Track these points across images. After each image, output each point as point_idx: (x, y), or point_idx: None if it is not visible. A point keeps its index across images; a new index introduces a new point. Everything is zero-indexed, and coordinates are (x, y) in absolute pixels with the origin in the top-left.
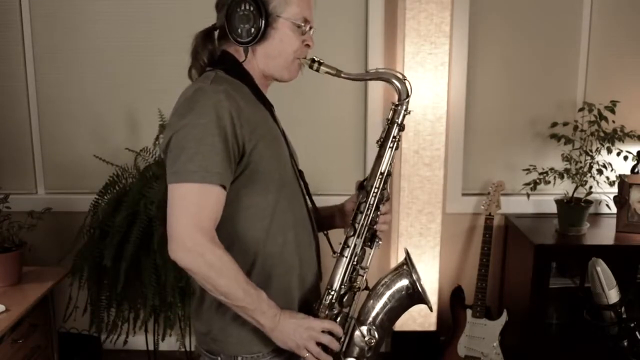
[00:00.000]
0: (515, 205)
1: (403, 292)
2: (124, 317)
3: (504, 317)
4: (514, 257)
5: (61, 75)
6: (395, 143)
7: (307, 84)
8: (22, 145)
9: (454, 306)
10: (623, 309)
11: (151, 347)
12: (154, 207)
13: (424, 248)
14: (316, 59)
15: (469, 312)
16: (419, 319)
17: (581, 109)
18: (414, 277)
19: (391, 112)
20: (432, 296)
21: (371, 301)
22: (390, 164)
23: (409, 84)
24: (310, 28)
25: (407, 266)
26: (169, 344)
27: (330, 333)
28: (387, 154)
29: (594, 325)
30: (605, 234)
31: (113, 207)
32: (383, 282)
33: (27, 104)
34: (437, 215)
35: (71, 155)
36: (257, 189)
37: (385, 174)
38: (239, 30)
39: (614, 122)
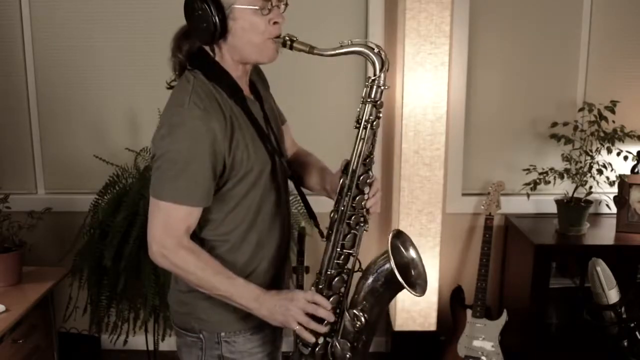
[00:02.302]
0: (515, 205)
1: (386, 278)
2: (124, 317)
3: (504, 317)
4: (514, 257)
5: (61, 76)
6: (373, 122)
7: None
8: (22, 145)
9: (454, 306)
10: (623, 309)
11: (151, 347)
12: None
13: (424, 248)
14: (287, 37)
15: (469, 312)
16: (419, 319)
17: (581, 109)
18: (392, 264)
19: (366, 88)
20: (432, 296)
21: (362, 283)
22: (372, 144)
23: (384, 54)
24: (279, 2)
25: (387, 253)
26: (169, 344)
27: (316, 305)
28: (364, 134)
29: (594, 325)
30: (605, 234)
31: (113, 207)
32: (373, 264)
33: (27, 104)
34: (437, 215)
35: (71, 155)
36: (242, 188)
37: (364, 156)
38: (199, 32)
39: (614, 122)
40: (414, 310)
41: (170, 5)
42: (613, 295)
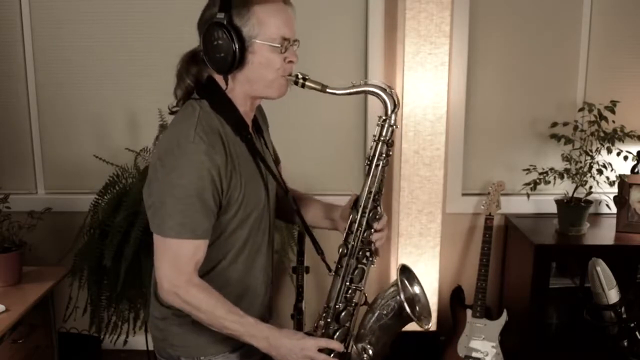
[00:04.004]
0: (515, 205)
1: (395, 312)
2: (124, 317)
3: (504, 317)
4: (514, 257)
5: (61, 76)
6: (384, 160)
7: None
8: (22, 145)
9: (454, 306)
10: (623, 309)
11: (151, 347)
12: None
13: (424, 248)
14: (300, 76)
15: (469, 312)
16: None
17: (581, 109)
18: (402, 297)
19: (378, 128)
20: (433, 296)
21: (368, 317)
22: (382, 181)
23: (396, 95)
24: (294, 42)
25: (396, 286)
26: None
27: (328, 349)
28: (376, 172)
29: (594, 325)
30: (605, 234)
31: (113, 207)
32: (380, 298)
33: (27, 104)
34: (437, 215)
35: (71, 155)
36: (231, 225)
37: (374, 192)
38: (216, 60)
39: (614, 122)
40: None
41: (171, 5)
42: (613, 295)
